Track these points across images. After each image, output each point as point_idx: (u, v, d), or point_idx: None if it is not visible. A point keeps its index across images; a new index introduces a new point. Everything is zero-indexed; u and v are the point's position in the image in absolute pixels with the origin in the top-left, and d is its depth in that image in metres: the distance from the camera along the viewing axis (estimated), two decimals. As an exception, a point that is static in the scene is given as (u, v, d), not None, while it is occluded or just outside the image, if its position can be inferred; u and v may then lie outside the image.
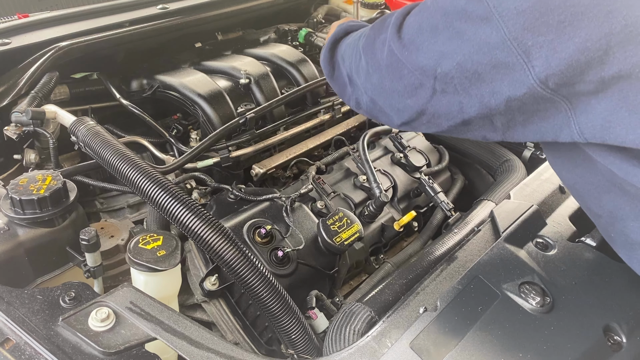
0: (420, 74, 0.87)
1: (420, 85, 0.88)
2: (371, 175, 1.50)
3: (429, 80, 0.86)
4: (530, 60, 0.72)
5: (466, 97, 0.82)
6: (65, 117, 1.32)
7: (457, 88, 0.83)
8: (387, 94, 0.97)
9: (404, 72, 0.90)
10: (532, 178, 1.34)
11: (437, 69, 0.83)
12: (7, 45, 1.48)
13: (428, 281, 1.02)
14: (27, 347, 0.83)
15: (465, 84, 0.81)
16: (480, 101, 0.81)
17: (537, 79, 0.73)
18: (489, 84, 0.78)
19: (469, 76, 0.80)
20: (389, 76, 0.94)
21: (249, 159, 1.57)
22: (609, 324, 0.93)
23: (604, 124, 0.74)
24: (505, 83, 0.76)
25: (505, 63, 0.75)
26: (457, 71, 0.80)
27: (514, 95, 0.77)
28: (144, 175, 1.09)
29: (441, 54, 0.82)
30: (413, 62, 0.87)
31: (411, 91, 0.90)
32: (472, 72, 0.79)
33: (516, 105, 0.78)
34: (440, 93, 0.86)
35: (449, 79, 0.82)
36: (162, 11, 1.75)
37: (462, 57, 0.79)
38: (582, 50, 0.69)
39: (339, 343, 0.97)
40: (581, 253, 1.08)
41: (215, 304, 1.22)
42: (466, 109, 0.84)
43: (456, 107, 0.85)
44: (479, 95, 0.81)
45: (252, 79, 1.65)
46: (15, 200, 1.09)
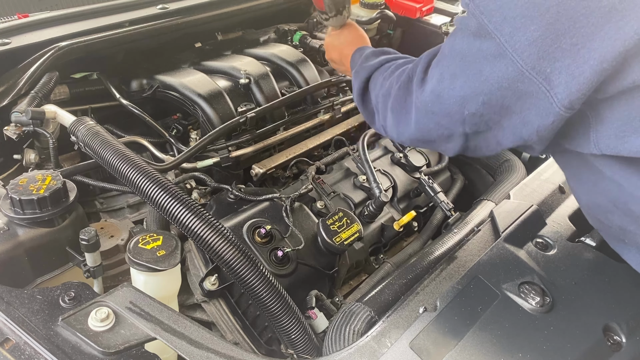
0: (448, 123, 0.89)
1: (451, 135, 0.91)
2: (371, 175, 1.50)
3: (458, 128, 0.88)
4: (552, 87, 0.74)
5: (500, 130, 0.85)
6: (65, 117, 1.32)
7: (488, 124, 0.85)
8: (425, 144, 1.02)
9: (430, 125, 0.93)
10: (532, 178, 1.35)
11: (464, 111, 0.85)
12: (7, 45, 1.48)
13: (428, 281, 1.02)
14: (26, 347, 0.83)
15: (496, 119, 0.83)
16: (514, 132, 0.83)
17: (562, 106, 0.74)
18: (519, 114, 0.80)
19: (497, 110, 0.82)
20: (419, 132, 0.97)
21: (248, 159, 1.57)
22: (608, 323, 0.93)
23: (618, 133, 0.76)
24: (533, 112, 0.78)
25: (529, 93, 0.76)
26: (484, 109, 0.82)
27: (543, 124, 0.78)
28: (143, 175, 1.09)
29: (464, 98, 0.84)
30: (438, 113, 0.90)
31: (445, 140, 0.94)
32: (500, 106, 0.81)
33: (548, 133, 0.80)
34: (473, 135, 0.89)
35: (478, 118, 0.85)
36: (162, 11, 1.75)
37: (486, 96, 0.81)
38: (599, 71, 0.70)
39: (338, 343, 0.98)
40: (581, 253, 1.08)
41: (215, 304, 1.22)
42: (502, 141, 0.87)
43: (493, 142, 0.88)
44: (511, 126, 0.83)
45: (252, 79, 1.65)
46: (15, 200, 1.09)
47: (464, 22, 0.82)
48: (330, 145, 1.77)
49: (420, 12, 2.23)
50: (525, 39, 0.73)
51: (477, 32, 0.79)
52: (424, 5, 2.24)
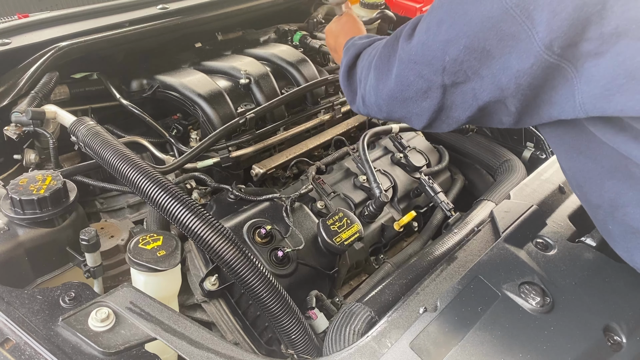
0: (428, 73, 0.88)
1: (429, 88, 0.90)
2: (371, 175, 1.50)
3: (437, 78, 0.87)
4: (535, 25, 0.73)
5: (478, 80, 0.83)
6: (65, 117, 1.32)
7: (467, 73, 0.84)
8: (401, 104, 0.99)
9: (410, 78, 0.92)
10: (532, 178, 1.34)
11: (445, 57, 0.84)
12: (7, 45, 1.48)
13: (428, 281, 1.02)
14: (27, 347, 0.83)
15: (475, 66, 0.82)
16: (492, 81, 0.82)
17: (543, 45, 0.74)
18: (499, 59, 0.79)
19: (477, 56, 0.81)
20: (398, 87, 0.96)
21: (249, 159, 1.57)
22: (608, 324, 0.93)
23: (603, 92, 0.74)
24: (513, 56, 0.77)
25: (511, 34, 0.76)
26: (465, 54, 0.82)
27: (522, 68, 0.77)
28: (143, 176, 1.09)
29: (447, 42, 0.83)
30: (420, 62, 0.89)
31: (422, 95, 0.92)
32: (481, 50, 0.80)
33: (526, 81, 0.78)
34: (450, 87, 0.87)
35: (458, 65, 0.84)
36: (162, 11, 1.75)
37: (468, 39, 0.80)
38: (580, 6, 0.70)
39: (339, 343, 0.97)
40: (581, 253, 1.08)
41: (215, 304, 1.22)
42: (479, 94, 0.85)
43: (470, 95, 0.86)
44: (490, 75, 0.81)
45: (252, 79, 1.65)
46: (15, 200, 1.09)
47: None
48: (330, 145, 1.77)
49: (420, 12, 2.24)
50: None
51: None
52: (424, 5, 2.24)
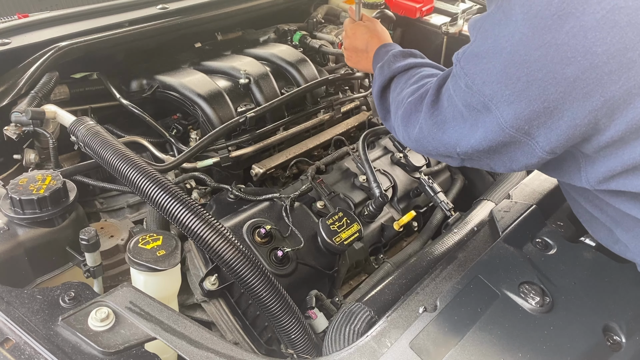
0: (445, 150, 0.99)
1: (449, 156, 1.01)
2: (371, 175, 1.50)
3: (453, 152, 0.97)
4: (534, 137, 0.82)
5: (490, 161, 0.94)
6: (65, 117, 1.32)
7: (480, 157, 0.94)
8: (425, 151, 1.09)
9: (430, 147, 1.03)
10: (532, 178, 1.35)
11: (457, 148, 0.94)
12: (7, 45, 1.48)
13: (428, 281, 1.02)
14: (26, 346, 0.83)
15: (484, 157, 0.93)
16: (504, 165, 0.92)
17: (544, 151, 0.83)
18: (505, 154, 0.89)
19: (484, 153, 0.91)
20: (420, 147, 1.07)
21: (248, 159, 1.57)
22: (608, 323, 0.93)
23: (606, 175, 0.84)
24: (519, 153, 0.87)
25: (513, 142, 0.85)
26: (473, 151, 0.92)
27: (530, 163, 0.87)
28: (143, 175, 1.09)
29: (460, 137, 0.93)
30: (438, 139, 0.99)
31: (443, 156, 1.03)
32: (487, 149, 0.89)
33: (535, 167, 0.92)
34: (467, 160, 0.98)
35: (469, 155, 0.95)
36: (162, 11, 1.75)
37: (475, 141, 0.90)
38: (573, 127, 0.78)
39: (338, 343, 0.98)
40: (581, 253, 1.08)
41: (215, 304, 1.22)
42: (494, 167, 0.95)
43: (485, 165, 0.97)
44: (500, 162, 0.92)
45: (252, 79, 1.65)
46: (15, 200, 1.09)
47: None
48: (330, 145, 1.76)
49: (420, 12, 2.23)
50: (504, 101, 0.81)
51: (467, 87, 0.88)
52: (424, 5, 2.23)
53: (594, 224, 1.02)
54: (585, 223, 1.05)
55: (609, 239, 0.99)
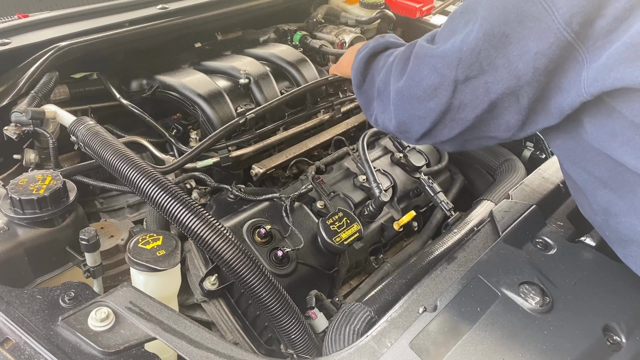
0: (443, 66, 0.88)
1: (440, 84, 0.90)
2: (371, 175, 1.50)
3: (451, 72, 0.87)
4: (555, 2, 0.74)
5: (492, 72, 0.83)
6: (65, 117, 1.32)
7: (482, 65, 0.84)
8: (406, 104, 0.98)
9: (424, 72, 0.92)
10: (532, 178, 1.34)
11: (463, 48, 0.84)
12: (7, 45, 1.48)
13: (428, 281, 1.02)
14: (26, 347, 0.83)
15: (492, 55, 0.82)
16: (508, 70, 0.82)
17: (563, 21, 0.75)
18: (517, 44, 0.79)
19: (495, 43, 0.81)
20: (408, 83, 0.96)
21: (248, 159, 1.57)
22: (608, 323, 0.93)
23: (606, 63, 0.75)
24: (532, 38, 0.78)
25: (531, 14, 0.77)
26: (483, 42, 0.82)
27: (541, 49, 0.78)
28: (143, 175, 1.09)
29: (468, 32, 0.84)
30: (436, 55, 0.89)
31: (431, 92, 0.92)
32: (500, 35, 0.80)
33: (543, 63, 0.79)
34: (462, 83, 0.87)
35: (474, 56, 0.84)
36: (162, 11, 1.75)
37: (488, 24, 0.81)
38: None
39: (338, 343, 0.98)
40: (581, 253, 1.08)
41: (215, 304, 1.22)
42: (493, 87, 0.85)
43: (482, 90, 0.86)
44: (506, 64, 0.81)
45: (252, 79, 1.65)
46: (15, 200, 1.09)
47: None
48: (330, 145, 1.77)
49: (420, 12, 2.24)
50: None
51: None
52: (424, 5, 2.24)
53: (579, 197, 0.99)
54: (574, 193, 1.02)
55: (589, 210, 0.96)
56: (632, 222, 0.87)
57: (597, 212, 0.94)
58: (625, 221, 0.88)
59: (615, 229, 0.91)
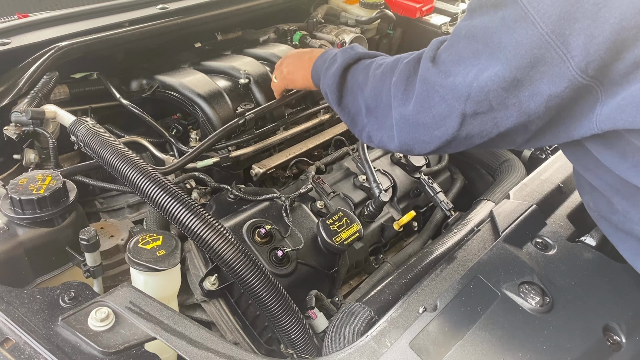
0: (452, 98, 0.86)
1: (449, 115, 0.88)
2: (371, 175, 1.50)
3: (459, 105, 0.85)
4: (570, 50, 0.73)
5: (502, 110, 0.82)
6: (65, 117, 1.32)
7: (492, 104, 0.82)
8: (412, 128, 0.96)
9: (435, 100, 0.89)
10: (532, 178, 1.34)
11: (473, 84, 0.82)
12: (7, 45, 1.48)
13: (428, 281, 1.02)
14: (26, 346, 0.83)
15: (502, 96, 0.80)
16: (519, 109, 0.81)
17: (578, 69, 0.73)
18: (528, 87, 0.78)
19: (506, 86, 0.79)
20: (416, 108, 0.93)
21: (248, 159, 1.57)
22: (608, 323, 0.93)
23: (620, 102, 0.74)
24: (545, 81, 0.76)
25: (544, 60, 0.75)
26: (494, 82, 0.80)
27: (555, 92, 0.77)
28: (143, 175, 1.09)
29: (479, 70, 0.82)
30: (446, 85, 0.87)
31: (439, 122, 0.90)
32: (511, 79, 0.78)
33: (555, 103, 0.78)
34: (470, 117, 0.85)
35: (484, 95, 0.82)
36: (162, 11, 1.75)
37: (500, 67, 0.79)
38: (618, 30, 0.70)
39: (338, 343, 0.98)
40: (581, 253, 1.08)
41: (215, 304, 1.22)
42: (502, 123, 0.84)
43: (490, 125, 0.85)
44: (517, 103, 0.80)
45: (252, 79, 1.65)
46: (15, 200, 1.09)
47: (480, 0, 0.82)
48: (330, 145, 1.77)
49: (420, 12, 2.24)
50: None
51: (497, 3, 0.79)
52: (424, 5, 2.24)
53: (595, 195, 0.98)
54: (587, 195, 1.02)
55: (608, 209, 0.95)
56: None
57: (617, 212, 0.94)
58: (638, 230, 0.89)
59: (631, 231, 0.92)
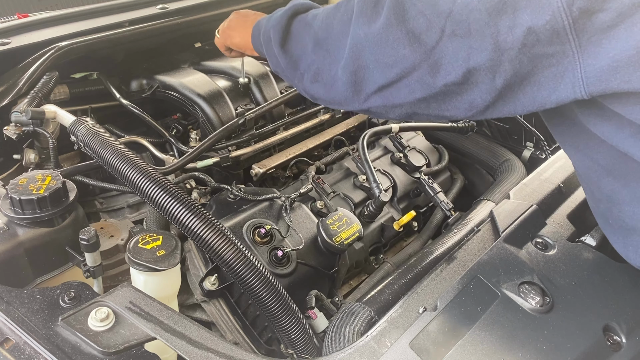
0: (432, 13, 0.78)
1: (427, 29, 0.79)
2: (371, 175, 1.50)
3: (440, 20, 0.78)
4: None
5: (478, 38, 0.76)
6: (64, 117, 1.32)
7: (470, 27, 0.76)
8: (376, 45, 0.85)
9: (411, 13, 0.80)
10: (532, 178, 1.34)
11: (457, 0, 0.76)
12: (7, 45, 1.48)
13: (428, 281, 1.02)
14: (26, 346, 0.83)
15: (484, 19, 0.74)
16: (495, 40, 0.74)
17: (564, 1, 0.69)
18: (510, 15, 0.73)
19: (490, 8, 0.74)
20: (387, 22, 0.83)
21: (248, 159, 1.57)
22: (608, 323, 0.93)
23: (611, 64, 0.70)
24: (528, 10, 0.71)
25: None
26: (478, 1, 0.74)
27: (535, 25, 0.71)
28: (143, 175, 1.09)
29: None
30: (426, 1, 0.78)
31: (412, 38, 0.80)
32: (497, 1, 0.73)
33: (531, 42, 0.73)
34: (448, 36, 0.78)
35: (465, 14, 0.75)
36: (162, 11, 1.75)
37: None
38: None
39: (338, 343, 0.98)
40: (581, 253, 1.08)
41: (215, 304, 1.22)
42: (474, 55, 0.77)
43: (463, 54, 0.78)
44: (494, 32, 0.74)
45: (252, 79, 1.65)
46: (15, 200, 1.09)
47: None
48: (330, 145, 1.77)
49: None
50: None
51: None
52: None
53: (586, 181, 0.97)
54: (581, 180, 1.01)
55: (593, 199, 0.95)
56: (635, 211, 0.87)
57: (601, 200, 0.93)
58: (628, 210, 0.88)
59: (618, 217, 0.91)
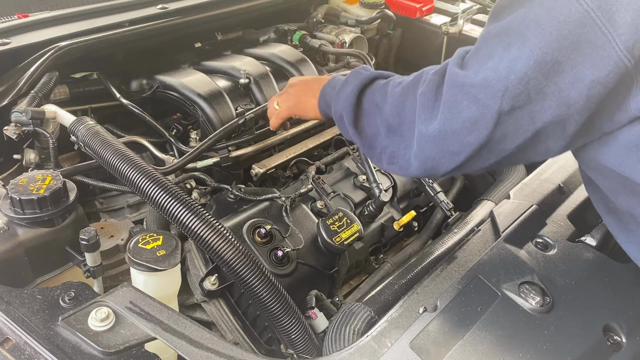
0: (485, 97, 0.79)
1: (481, 117, 0.80)
2: (371, 175, 1.50)
3: (495, 103, 0.78)
4: (616, 28, 0.70)
5: (540, 101, 0.76)
6: (65, 117, 1.32)
7: (530, 94, 0.76)
8: (440, 141, 0.86)
9: (463, 103, 0.81)
10: (532, 178, 1.35)
11: (510, 76, 0.76)
12: (7, 45, 1.48)
13: (428, 281, 1.02)
14: (26, 346, 0.83)
15: (542, 83, 0.75)
16: (558, 98, 0.75)
17: (624, 48, 0.70)
18: (569, 71, 0.73)
19: (546, 71, 0.74)
20: (444, 117, 0.84)
21: (248, 159, 1.57)
22: (608, 323, 0.93)
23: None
24: (587, 65, 0.72)
25: (588, 41, 0.71)
26: (534, 69, 0.74)
27: (597, 78, 0.72)
28: (143, 175, 1.09)
29: (515, 59, 0.76)
30: (477, 85, 0.80)
31: (470, 126, 0.82)
32: (552, 63, 0.73)
33: (597, 92, 0.74)
34: (506, 114, 0.78)
35: (522, 86, 0.76)
36: (162, 11, 1.75)
37: (539, 51, 0.73)
38: None
39: (338, 343, 0.98)
40: (581, 253, 1.08)
41: (215, 304, 1.22)
42: (539, 116, 0.77)
43: (526, 120, 0.78)
44: (556, 91, 0.75)
45: (252, 79, 1.65)
46: (15, 200, 1.09)
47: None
48: (330, 145, 1.77)
49: (420, 12, 2.24)
50: None
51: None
52: (424, 5, 2.24)
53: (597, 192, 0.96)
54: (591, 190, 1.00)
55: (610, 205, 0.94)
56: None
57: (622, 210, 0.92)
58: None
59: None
